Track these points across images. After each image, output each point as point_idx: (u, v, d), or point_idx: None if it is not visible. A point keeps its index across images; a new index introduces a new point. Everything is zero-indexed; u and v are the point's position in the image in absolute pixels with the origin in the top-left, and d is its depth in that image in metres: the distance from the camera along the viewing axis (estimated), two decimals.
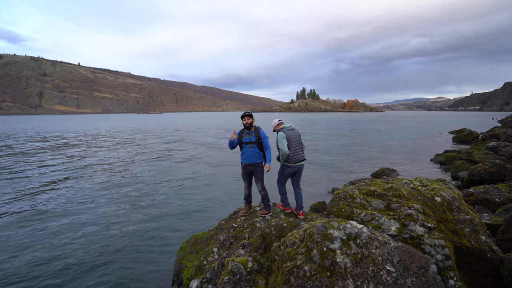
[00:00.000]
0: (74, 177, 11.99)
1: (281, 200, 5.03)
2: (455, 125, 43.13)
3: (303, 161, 4.69)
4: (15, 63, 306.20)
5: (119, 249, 5.75)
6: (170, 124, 61.21)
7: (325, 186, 10.26)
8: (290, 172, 4.69)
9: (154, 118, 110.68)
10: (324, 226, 2.90)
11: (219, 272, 3.44)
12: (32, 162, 15.56)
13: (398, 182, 3.85)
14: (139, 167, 14.08)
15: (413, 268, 2.51)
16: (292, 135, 4.61)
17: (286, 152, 4.49)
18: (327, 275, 2.57)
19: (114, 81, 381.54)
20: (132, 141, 27.53)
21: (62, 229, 6.72)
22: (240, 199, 5.49)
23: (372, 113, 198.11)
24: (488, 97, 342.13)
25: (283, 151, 4.49)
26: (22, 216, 7.53)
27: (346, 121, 73.35)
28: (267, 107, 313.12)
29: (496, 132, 23.65)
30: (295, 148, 4.58)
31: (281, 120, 4.92)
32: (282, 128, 4.70)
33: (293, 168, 4.64)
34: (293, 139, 4.59)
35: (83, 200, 8.87)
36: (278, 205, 5.13)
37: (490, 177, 9.10)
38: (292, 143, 4.57)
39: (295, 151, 4.58)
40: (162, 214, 7.73)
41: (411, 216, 3.11)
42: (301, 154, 4.66)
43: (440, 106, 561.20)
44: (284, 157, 4.54)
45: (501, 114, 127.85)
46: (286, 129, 4.66)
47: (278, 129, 4.78)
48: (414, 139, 27.10)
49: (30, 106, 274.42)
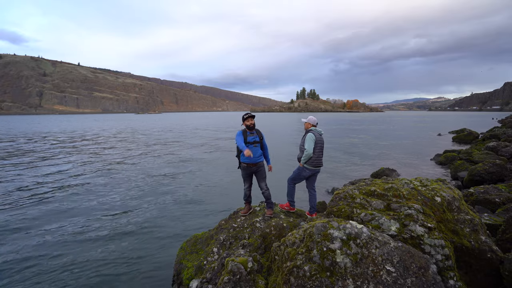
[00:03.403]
0: (75, 176, 11.99)
1: (288, 200, 5.03)
2: (455, 125, 43.12)
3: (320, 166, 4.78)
4: (15, 63, 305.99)
5: (119, 249, 5.75)
6: (170, 124, 61.19)
7: (325, 186, 10.26)
8: (308, 174, 4.76)
9: (154, 118, 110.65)
10: (324, 226, 2.90)
11: (219, 272, 3.44)
12: (31, 162, 15.55)
13: (398, 182, 3.85)
14: (138, 167, 14.08)
15: (413, 268, 2.51)
16: (319, 140, 4.65)
17: (311, 154, 4.53)
18: (327, 275, 2.57)
19: (114, 81, 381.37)
20: (131, 141, 27.52)
21: (61, 229, 6.72)
22: (240, 199, 5.49)
23: (372, 113, 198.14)
24: (488, 97, 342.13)
25: (308, 152, 4.52)
26: (22, 217, 7.54)
27: (346, 121, 73.33)
28: (267, 107, 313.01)
29: (496, 132, 23.65)
30: (318, 153, 4.64)
31: (316, 121, 4.89)
32: (312, 130, 4.70)
33: (311, 171, 4.72)
34: (318, 144, 4.63)
35: (82, 200, 8.87)
36: (280, 204, 5.12)
37: (490, 177, 9.09)
38: (317, 148, 4.61)
39: (318, 156, 4.65)
40: (162, 214, 7.73)
41: (411, 216, 3.11)
42: (321, 159, 4.74)
43: (440, 106, 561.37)
44: (307, 158, 4.57)
45: (501, 114, 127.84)
46: (316, 132, 4.68)
47: (308, 128, 4.79)
48: (414, 139, 27.11)
49: (30, 106, 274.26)
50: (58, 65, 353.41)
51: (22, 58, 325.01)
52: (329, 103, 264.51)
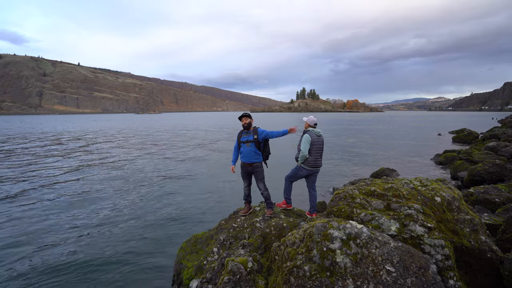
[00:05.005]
0: (75, 175, 11.99)
1: (284, 197, 5.04)
2: (455, 125, 43.12)
3: (319, 167, 4.77)
4: (15, 63, 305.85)
5: (119, 249, 5.75)
6: (170, 124, 61.18)
7: (325, 186, 10.26)
8: (304, 174, 4.77)
9: (154, 118, 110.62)
10: (324, 226, 2.90)
11: (219, 272, 3.44)
12: (31, 162, 15.56)
13: (398, 182, 3.85)
14: (138, 167, 14.07)
15: (413, 268, 2.51)
16: (316, 141, 4.64)
17: (306, 155, 4.59)
18: (327, 275, 2.57)
19: (114, 81, 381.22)
20: (131, 141, 27.52)
21: (61, 229, 6.72)
22: (240, 199, 5.49)
23: (372, 113, 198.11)
24: (488, 97, 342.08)
25: (303, 154, 4.58)
26: (21, 215, 7.54)
27: (346, 121, 73.32)
28: (267, 107, 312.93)
29: (496, 132, 23.66)
30: (315, 155, 4.65)
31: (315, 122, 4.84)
32: (309, 131, 4.70)
33: (308, 171, 4.72)
34: (315, 145, 4.63)
35: (82, 200, 8.87)
36: (276, 204, 5.12)
37: (490, 177, 9.10)
38: (313, 149, 4.62)
39: (315, 158, 4.66)
40: (162, 214, 7.73)
41: (411, 216, 3.11)
42: (319, 160, 4.72)
43: (440, 106, 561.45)
44: (303, 159, 4.63)
45: (501, 114, 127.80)
46: (313, 133, 4.67)
47: (306, 129, 4.79)
48: (414, 139, 27.10)
49: (30, 106, 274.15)
50: (58, 65, 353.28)
51: (22, 58, 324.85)
52: (329, 103, 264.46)
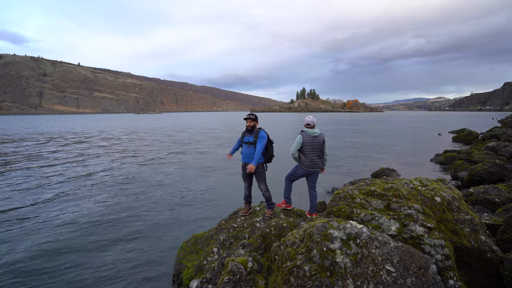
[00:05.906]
0: (74, 175, 11.99)
1: (284, 197, 5.04)
2: (455, 125, 43.12)
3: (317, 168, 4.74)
4: (15, 63, 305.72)
5: (119, 249, 5.75)
6: (170, 124, 61.17)
7: (325, 186, 10.27)
8: (302, 173, 4.77)
9: (154, 118, 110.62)
10: (324, 226, 2.90)
11: (219, 272, 3.44)
12: (31, 162, 15.56)
13: (398, 182, 3.85)
14: (138, 167, 14.08)
15: (413, 268, 2.51)
16: (309, 142, 4.60)
17: (293, 154, 4.67)
18: (327, 275, 2.57)
19: (114, 81, 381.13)
20: (130, 141, 27.52)
21: (61, 228, 6.71)
22: (240, 199, 5.49)
23: (372, 113, 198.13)
24: (488, 97, 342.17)
25: (291, 152, 4.68)
26: (19, 213, 7.54)
27: (346, 121, 73.32)
28: (267, 107, 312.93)
29: (496, 132, 23.67)
30: (311, 156, 4.62)
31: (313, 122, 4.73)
32: (303, 131, 4.70)
33: (305, 171, 4.73)
34: (309, 146, 4.59)
35: (82, 200, 8.87)
36: (276, 204, 5.12)
37: (490, 177, 9.10)
38: (307, 150, 4.60)
39: (311, 158, 4.63)
40: (162, 214, 7.73)
41: (411, 216, 3.11)
42: (317, 161, 4.67)
43: (440, 106, 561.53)
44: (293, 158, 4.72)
45: (501, 114, 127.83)
46: (306, 134, 4.64)
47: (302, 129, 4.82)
48: (414, 139, 27.11)
49: (30, 106, 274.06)
50: (58, 65, 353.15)
51: (22, 58, 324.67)
52: (329, 103, 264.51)
